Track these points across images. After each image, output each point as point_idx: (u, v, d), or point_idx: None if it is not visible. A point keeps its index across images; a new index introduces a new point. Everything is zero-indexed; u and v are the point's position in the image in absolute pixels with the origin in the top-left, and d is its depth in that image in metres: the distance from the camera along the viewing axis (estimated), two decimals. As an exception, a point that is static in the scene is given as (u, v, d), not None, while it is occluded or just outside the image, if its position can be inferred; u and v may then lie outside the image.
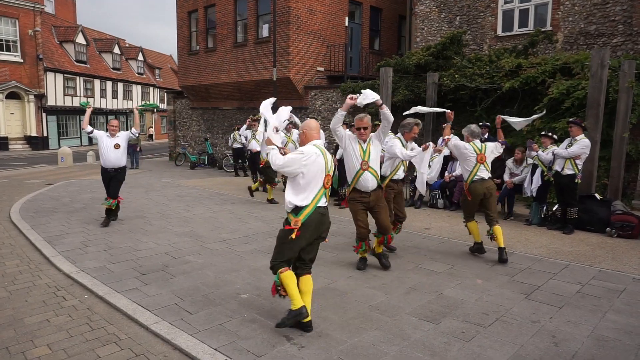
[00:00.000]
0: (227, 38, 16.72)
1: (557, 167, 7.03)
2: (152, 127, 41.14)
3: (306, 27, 14.64)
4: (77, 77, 31.09)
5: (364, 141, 4.93)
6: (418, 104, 11.19)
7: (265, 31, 15.35)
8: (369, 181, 4.92)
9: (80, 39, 31.74)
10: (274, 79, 14.12)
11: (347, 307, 4.14)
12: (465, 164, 5.78)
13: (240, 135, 13.07)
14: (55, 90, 29.00)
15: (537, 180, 7.49)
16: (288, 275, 3.60)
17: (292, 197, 3.63)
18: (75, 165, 18.53)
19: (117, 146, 7.28)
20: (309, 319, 3.63)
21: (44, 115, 28.19)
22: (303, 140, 3.85)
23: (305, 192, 3.62)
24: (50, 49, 29.23)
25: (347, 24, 15.89)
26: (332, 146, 10.07)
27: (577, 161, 6.84)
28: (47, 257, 5.66)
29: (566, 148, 6.90)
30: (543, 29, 10.95)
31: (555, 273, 5.13)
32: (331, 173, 3.76)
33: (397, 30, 18.35)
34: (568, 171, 6.86)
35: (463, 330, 3.69)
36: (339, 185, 9.39)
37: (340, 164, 9.06)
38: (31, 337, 3.62)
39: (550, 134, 7.57)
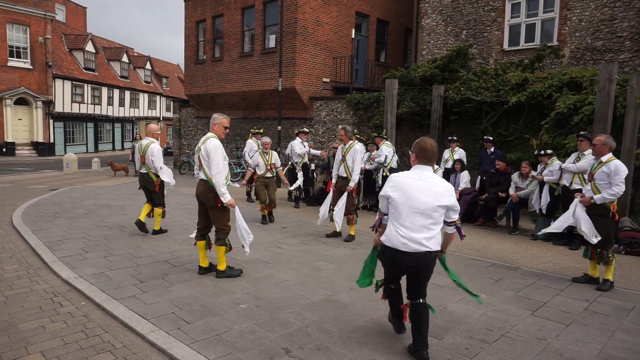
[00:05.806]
0: (234, 48, 16.83)
1: (564, 181, 6.93)
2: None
3: (313, 39, 14.71)
4: (85, 85, 31.39)
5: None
6: (423, 116, 11.28)
7: (272, 42, 15.43)
8: None
9: (89, 47, 32.13)
10: (280, 89, 14.15)
11: (348, 320, 4.04)
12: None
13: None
14: (63, 97, 29.27)
15: (546, 196, 7.37)
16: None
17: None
18: (79, 172, 18.58)
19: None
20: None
21: (51, 121, 28.41)
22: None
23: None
24: (60, 57, 29.57)
25: (353, 36, 15.97)
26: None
27: (585, 176, 6.74)
28: (46, 262, 5.61)
29: (574, 162, 6.81)
30: (550, 44, 10.92)
31: (562, 289, 5.01)
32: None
33: (404, 43, 18.41)
34: (576, 186, 6.74)
35: (467, 347, 3.58)
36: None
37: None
38: (25, 343, 3.55)
39: (542, 152, 7.57)
